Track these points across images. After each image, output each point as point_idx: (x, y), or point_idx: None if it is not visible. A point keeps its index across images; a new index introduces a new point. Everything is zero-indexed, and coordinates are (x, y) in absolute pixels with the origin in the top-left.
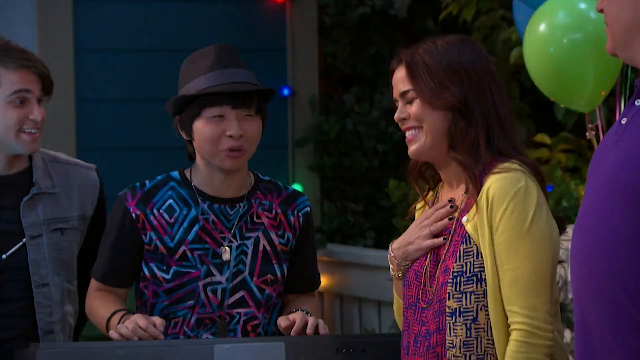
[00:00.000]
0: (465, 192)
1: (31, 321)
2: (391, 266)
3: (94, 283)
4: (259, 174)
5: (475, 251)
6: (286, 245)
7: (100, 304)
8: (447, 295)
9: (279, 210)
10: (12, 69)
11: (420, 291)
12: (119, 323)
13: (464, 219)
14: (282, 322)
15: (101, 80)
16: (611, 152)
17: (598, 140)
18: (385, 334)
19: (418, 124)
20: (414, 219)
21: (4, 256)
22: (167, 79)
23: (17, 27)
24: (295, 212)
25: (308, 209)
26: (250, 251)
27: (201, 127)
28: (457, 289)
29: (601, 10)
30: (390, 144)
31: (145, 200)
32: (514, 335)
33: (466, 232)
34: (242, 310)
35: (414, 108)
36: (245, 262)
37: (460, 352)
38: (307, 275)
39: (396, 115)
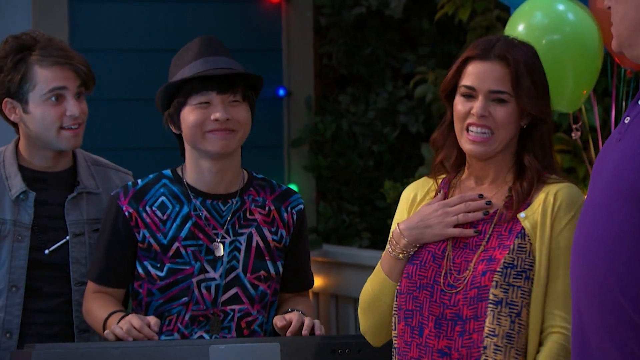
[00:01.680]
0: (509, 192)
1: (70, 318)
2: (392, 246)
3: (90, 285)
4: (253, 172)
5: (528, 248)
6: (280, 242)
7: (97, 306)
8: (494, 283)
9: (272, 207)
10: (47, 66)
11: (442, 274)
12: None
13: (522, 215)
14: (279, 321)
15: (97, 80)
16: (614, 151)
17: (594, 140)
18: None
19: (495, 126)
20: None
21: (46, 251)
22: (163, 79)
23: (12, 28)
24: (289, 209)
25: (302, 206)
26: (243, 247)
27: (187, 114)
28: (506, 280)
29: (608, 8)
30: (386, 144)
31: (137, 198)
32: (556, 338)
33: (523, 228)
34: (236, 307)
35: (504, 112)
36: (238, 259)
37: (502, 343)
38: (301, 273)
39: (476, 111)
